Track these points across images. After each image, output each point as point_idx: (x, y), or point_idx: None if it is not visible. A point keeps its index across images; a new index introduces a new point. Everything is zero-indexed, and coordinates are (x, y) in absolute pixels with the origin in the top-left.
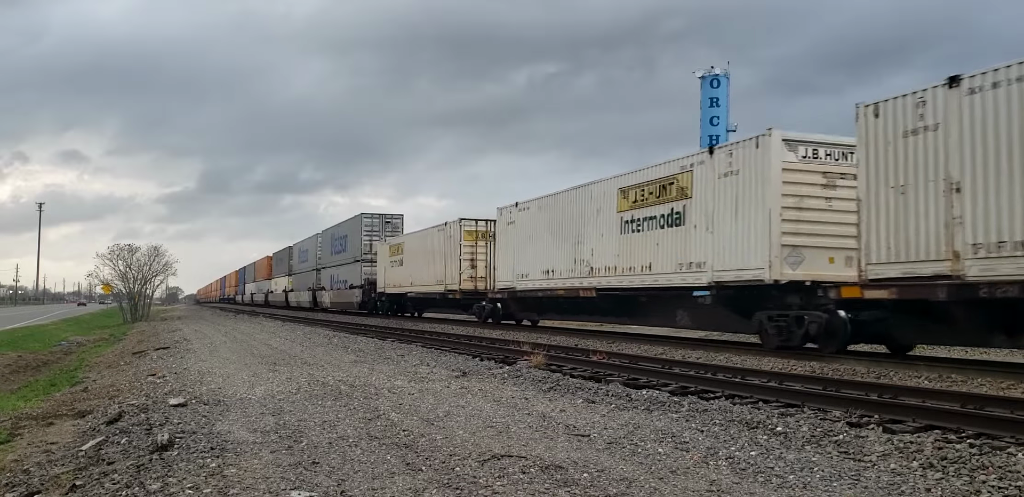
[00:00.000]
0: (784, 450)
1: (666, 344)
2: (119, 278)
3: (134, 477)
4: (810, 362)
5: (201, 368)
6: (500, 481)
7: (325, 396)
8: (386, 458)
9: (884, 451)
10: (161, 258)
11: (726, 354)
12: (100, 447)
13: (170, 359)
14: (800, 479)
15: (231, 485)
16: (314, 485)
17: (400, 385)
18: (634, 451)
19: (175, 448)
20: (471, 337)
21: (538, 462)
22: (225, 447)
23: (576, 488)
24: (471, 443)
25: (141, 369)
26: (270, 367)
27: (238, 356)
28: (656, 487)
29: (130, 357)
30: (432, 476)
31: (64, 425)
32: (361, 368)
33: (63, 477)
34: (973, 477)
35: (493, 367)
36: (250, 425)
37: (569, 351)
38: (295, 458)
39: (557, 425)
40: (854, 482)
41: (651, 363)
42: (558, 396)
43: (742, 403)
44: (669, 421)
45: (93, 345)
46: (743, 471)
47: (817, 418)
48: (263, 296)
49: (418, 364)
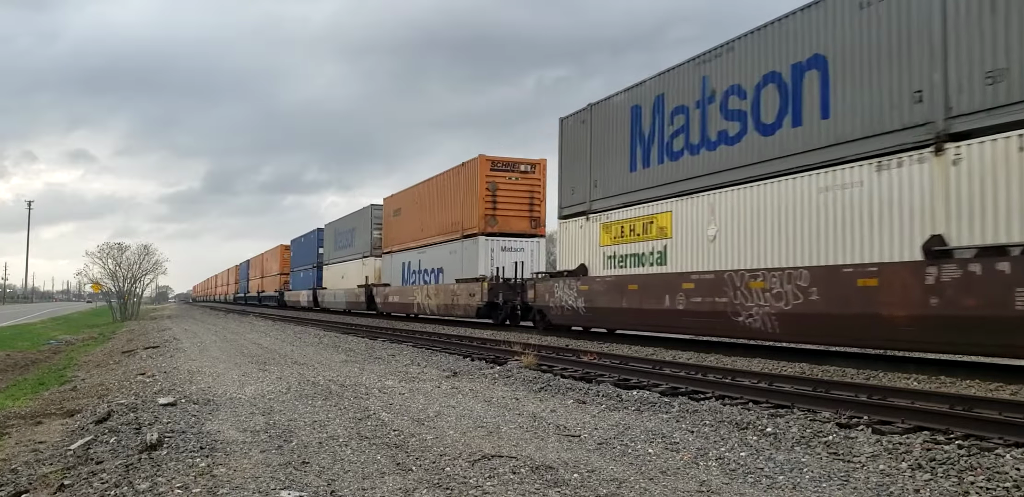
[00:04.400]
0: (774, 451)
1: (657, 345)
2: (108, 276)
3: (123, 476)
4: (800, 363)
5: (191, 367)
6: (490, 481)
7: (315, 396)
8: (376, 458)
9: (873, 452)
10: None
11: (716, 355)
12: (89, 446)
13: (160, 358)
14: (790, 480)
15: (220, 485)
16: (304, 485)
17: (391, 385)
18: (624, 451)
19: (164, 447)
20: (462, 337)
21: (528, 462)
22: (215, 446)
23: (566, 488)
24: (461, 443)
25: (130, 368)
26: (260, 366)
27: (228, 355)
28: (646, 487)
29: (119, 356)
30: (422, 476)
31: (52, 424)
32: (351, 368)
33: (51, 476)
34: (961, 478)
35: (484, 367)
36: (240, 425)
37: (560, 351)
38: (285, 458)
39: (548, 425)
40: (843, 483)
41: (642, 364)
42: (549, 396)
43: (732, 404)
44: (659, 421)
45: (82, 344)
46: (733, 472)
47: (807, 419)
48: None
49: (409, 364)
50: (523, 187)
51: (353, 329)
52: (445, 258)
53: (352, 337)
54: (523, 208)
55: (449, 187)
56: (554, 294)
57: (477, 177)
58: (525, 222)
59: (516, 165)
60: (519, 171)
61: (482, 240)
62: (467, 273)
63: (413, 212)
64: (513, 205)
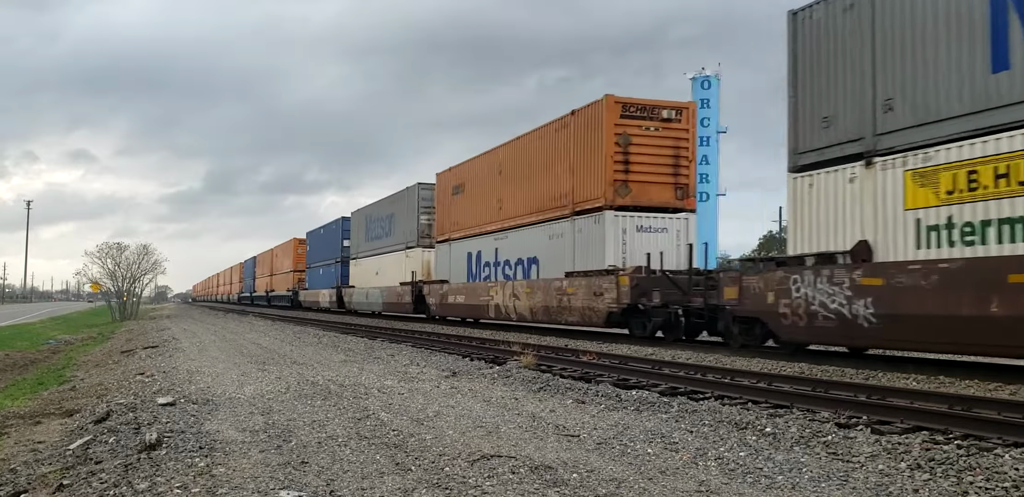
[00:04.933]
0: (773, 451)
1: (656, 345)
2: (108, 276)
3: (122, 476)
4: (799, 363)
5: (190, 367)
6: (489, 481)
7: (314, 395)
8: (375, 458)
9: (872, 452)
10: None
11: (715, 355)
12: (88, 446)
13: (159, 358)
14: (789, 480)
15: (219, 484)
16: (303, 485)
17: (390, 385)
18: (624, 451)
19: (163, 447)
20: (461, 337)
21: (528, 462)
22: (214, 446)
23: (565, 488)
24: (461, 443)
25: (129, 368)
26: (259, 366)
27: (227, 355)
28: (645, 487)
29: (118, 356)
30: (421, 476)
31: (51, 424)
32: (351, 368)
33: (50, 476)
34: (960, 478)
35: (483, 367)
36: (239, 424)
37: (559, 351)
38: (284, 457)
39: (547, 425)
40: (842, 483)
41: (641, 363)
42: (548, 396)
43: (731, 404)
44: (659, 421)
45: (81, 344)
46: (732, 472)
47: (806, 419)
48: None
49: (408, 364)
50: (666, 141)
51: (352, 329)
52: (542, 244)
53: (351, 337)
54: (666, 171)
55: (549, 147)
56: (791, 293)
57: (602, 127)
58: (669, 191)
59: (656, 110)
60: (660, 118)
61: (610, 217)
62: (585, 263)
63: (485, 186)
64: (652, 167)
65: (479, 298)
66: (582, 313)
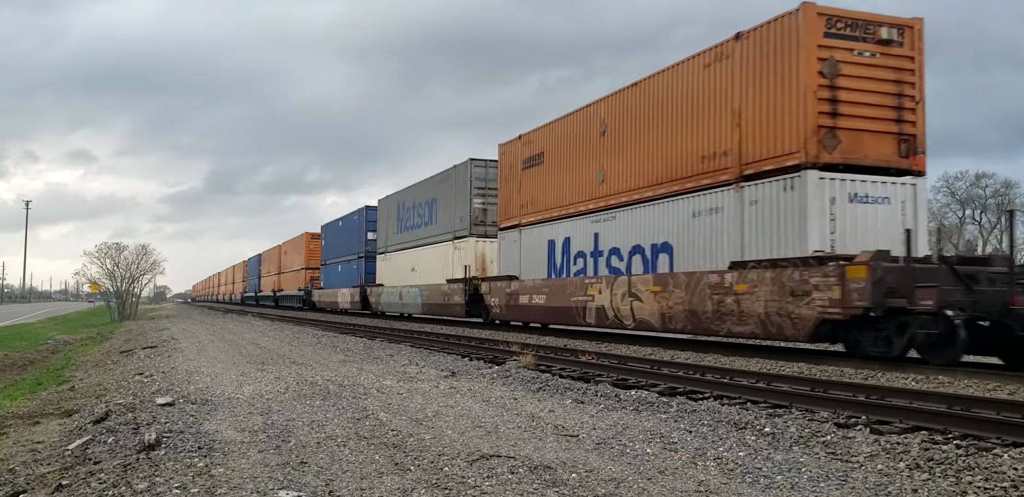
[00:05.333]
0: (772, 451)
1: (655, 345)
2: (107, 276)
3: (121, 476)
4: (798, 363)
5: (189, 367)
6: (489, 481)
7: (313, 396)
8: (374, 458)
9: (871, 452)
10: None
11: (714, 355)
12: (87, 446)
13: (158, 358)
14: (788, 480)
15: (218, 485)
16: (302, 485)
17: (389, 385)
18: (623, 451)
19: (162, 447)
20: (460, 337)
21: (527, 462)
22: (213, 446)
23: (565, 488)
24: (460, 443)
25: (128, 368)
26: (258, 366)
27: (226, 355)
28: (644, 487)
29: (117, 356)
30: (420, 476)
31: (50, 424)
32: (350, 368)
33: (49, 476)
34: (959, 478)
35: (482, 367)
36: (238, 425)
37: (558, 351)
38: (283, 458)
39: (546, 425)
40: (841, 483)
41: (640, 363)
42: (547, 396)
43: (730, 404)
44: (658, 421)
45: (80, 344)
46: (731, 472)
47: (805, 419)
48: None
49: (407, 364)
50: (886, 73)
51: (351, 329)
52: (679, 225)
53: (350, 337)
54: (887, 115)
55: (694, 89)
56: None
57: (798, 50)
58: (890, 144)
59: (872, 27)
60: (878, 39)
61: (813, 179)
62: (763, 249)
63: (578, 153)
64: (869, 109)
65: (570, 299)
66: (765, 322)
